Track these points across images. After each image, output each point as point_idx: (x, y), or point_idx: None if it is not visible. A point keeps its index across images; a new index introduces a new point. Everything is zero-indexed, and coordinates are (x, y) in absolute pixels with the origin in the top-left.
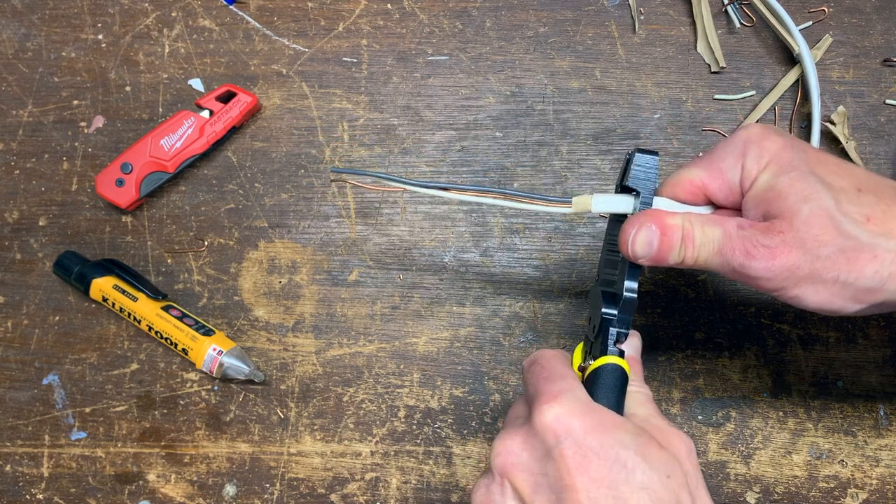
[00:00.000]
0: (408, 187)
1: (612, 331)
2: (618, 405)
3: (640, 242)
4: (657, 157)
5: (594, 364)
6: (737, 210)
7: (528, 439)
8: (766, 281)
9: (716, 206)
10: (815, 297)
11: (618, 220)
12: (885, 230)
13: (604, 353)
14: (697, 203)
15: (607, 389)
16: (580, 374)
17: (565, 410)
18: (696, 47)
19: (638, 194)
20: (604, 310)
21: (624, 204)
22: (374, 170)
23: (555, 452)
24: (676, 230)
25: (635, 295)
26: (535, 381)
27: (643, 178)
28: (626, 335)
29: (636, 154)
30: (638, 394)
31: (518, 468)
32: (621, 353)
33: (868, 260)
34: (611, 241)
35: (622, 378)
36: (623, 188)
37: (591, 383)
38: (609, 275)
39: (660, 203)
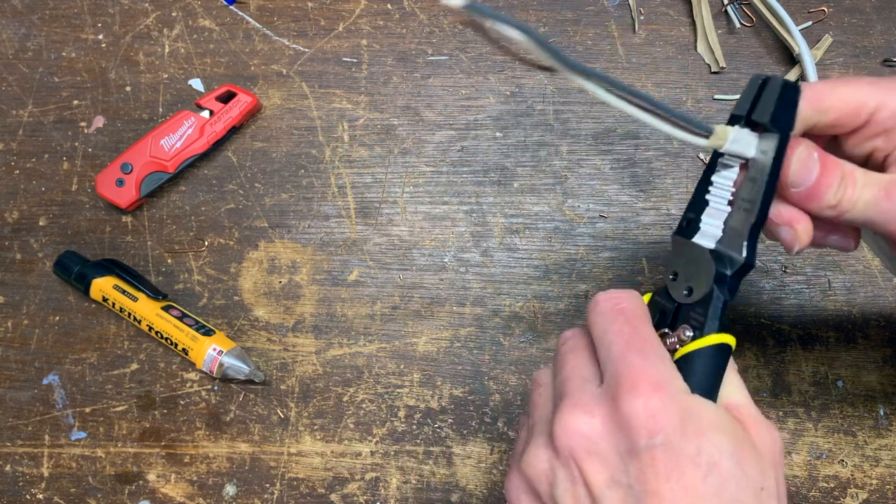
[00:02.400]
0: (554, 61)
1: (721, 299)
2: (715, 391)
3: (800, 164)
4: (799, 93)
5: (698, 343)
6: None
7: (612, 429)
8: None
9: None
10: None
11: (733, 163)
12: None
13: (712, 329)
14: (840, 132)
15: (710, 375)
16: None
17: (663, 406)
18: (696, 47)
19: (784, 135)
20: (717, 270)
21: (758, 147)
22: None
23: (644, 454)
24: (837, 163)
25: (754, 260)
26: (619, 343)
27: (784, 117)
28: (727, 303)
29: (783, 86)
30: (735, 376)
31: (594, 457)
32: (724, 326)
33: None
34: (724, 186)
35: (727, 358)
36: (749, 122)
37: (691, 366)
38: (711, 225)
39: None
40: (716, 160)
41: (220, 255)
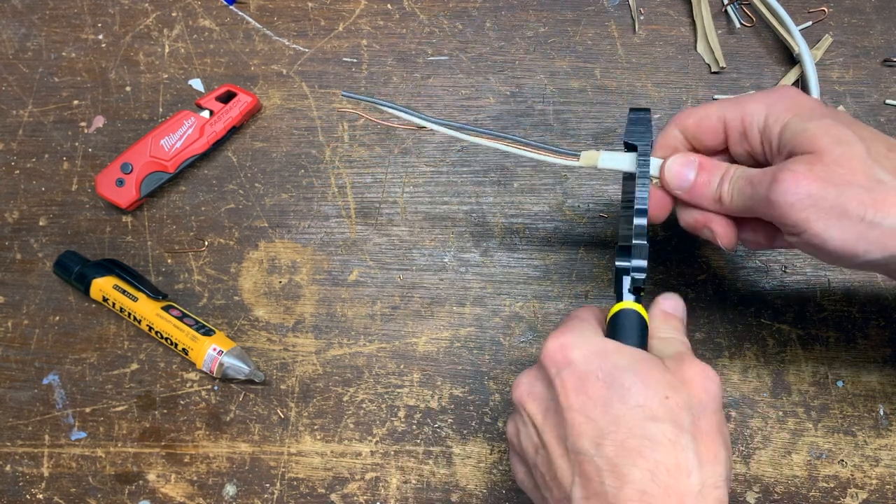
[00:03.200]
0: (422, 122)
1: (626, 279)
2: (632, 339)
3: (672, 172)
4: (649, 113)
5: (611, 311)
6: (749, 162)
7: (538, 371)
8: (790, 208)
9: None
10: (840, 234)
11: (630, 177)
12: None
13: (619, 300)
14: (713, 144)
15: (624, 331)
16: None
17: (568, 341)
18: (696, 47)
19: (639, 147)
20: (617, 262)
21: (630, 161)
22: (387, 108)
23: (556, 380)
24: (717, 165)
25: (645, 241)
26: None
27: (640, 134)
28: (643, 281)
29: (630, 112)
30: (674, 340)
31: (531, 397)
32: (638, 300)
33: (895, 203)
34: (626, 198)
35: (638, 320)
36: (626, 146)
37: (611, 329)
38: (626, 230)
39: (658, 161)
40: (624, 181)
41: (220, 255)
